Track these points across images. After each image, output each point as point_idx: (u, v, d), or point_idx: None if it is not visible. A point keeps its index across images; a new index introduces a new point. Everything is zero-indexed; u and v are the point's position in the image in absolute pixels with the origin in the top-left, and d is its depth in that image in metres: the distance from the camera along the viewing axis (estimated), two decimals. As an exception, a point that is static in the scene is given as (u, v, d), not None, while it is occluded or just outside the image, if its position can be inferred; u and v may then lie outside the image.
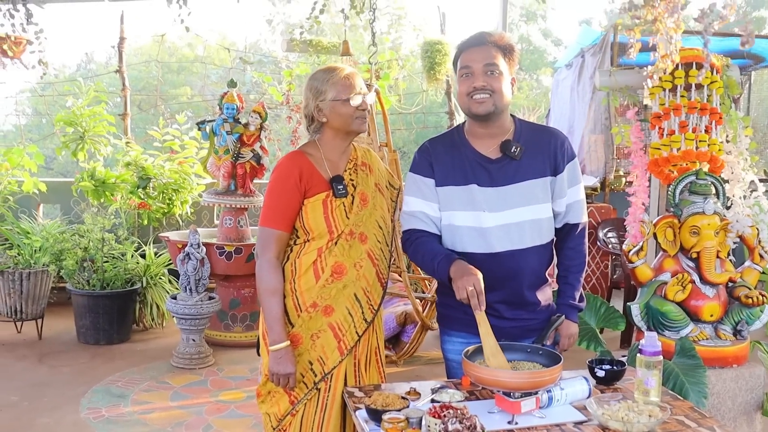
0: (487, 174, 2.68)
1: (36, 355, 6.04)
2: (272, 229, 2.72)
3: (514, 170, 2.69)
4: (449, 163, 2.73)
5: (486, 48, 2.63)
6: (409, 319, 5.87)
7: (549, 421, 2.31)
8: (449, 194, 2.71)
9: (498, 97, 2.62)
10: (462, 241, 2.69)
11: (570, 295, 2.80)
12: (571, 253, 2.82)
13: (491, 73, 2.61)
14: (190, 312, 5.73)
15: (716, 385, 3.34)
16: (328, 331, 2.73)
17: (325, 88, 2.71)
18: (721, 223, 3.46)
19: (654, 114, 3.71)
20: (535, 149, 2.72)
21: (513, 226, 2.67)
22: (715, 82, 3.61)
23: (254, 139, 6.26)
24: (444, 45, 8.12)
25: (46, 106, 10.95)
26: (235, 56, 10.14)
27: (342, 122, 2.74)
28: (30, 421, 4.65)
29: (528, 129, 2.78)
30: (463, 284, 2.43)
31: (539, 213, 2.71)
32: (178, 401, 5.07)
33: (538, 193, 2.70)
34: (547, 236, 2.76)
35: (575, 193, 2.78)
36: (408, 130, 10.40)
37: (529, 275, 2.73)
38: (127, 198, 7.28)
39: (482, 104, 2.63)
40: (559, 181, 2.74)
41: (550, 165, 2.72)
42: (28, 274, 6.37)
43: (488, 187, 2.67)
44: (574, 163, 2.77)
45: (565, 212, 2.78)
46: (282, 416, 2.76)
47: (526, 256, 2.69)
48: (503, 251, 2.66)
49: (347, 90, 2.70)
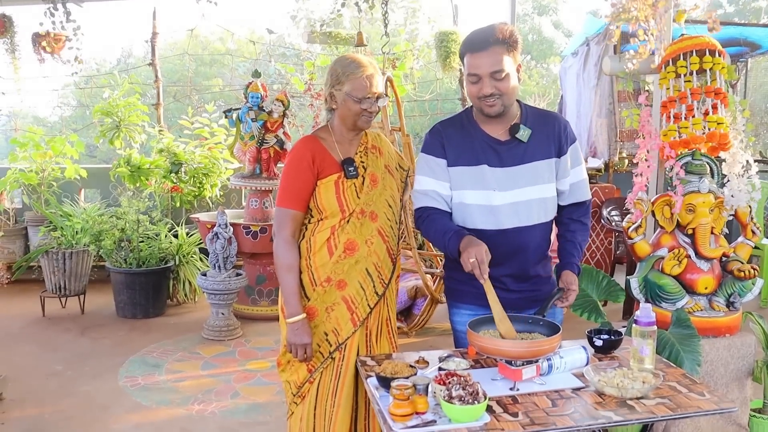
0: (497, 155, 2.66)
1: (79, 328, 6.10)
2: (288, 209, 2.71)
3: (522, 152, 2.66)
4: (460, 144, 2.69)
5: (491, 52, 2.53)
6: (420, 292, 5.87)
7: (548, 388, 2.29)
8: (460, 174, 2.68)
9: (506, 97, 2.58)
10: (472, 218, 2.67)
11: (576, 255, 2.76)
12: (576, 225, 2.80)
13: (498, 79, 2.54)
14: (219, 287, 5.75)
15: (710, 354, 3.30)
16: (341, 304, 2.72)
17: (343, 80, 2.67)
18: (716, 200, 3.42)
19: (669, 98, 3.64)
20: (541, 132, 2.69)
21: (521, 204, 2.64)
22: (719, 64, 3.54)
23: (277, 125, 6.24)
24: (457, 35, 8.07)
25: (88, 98, 11.02)
26: (261, 49, 10.12)
27: (348, 116, 2.71)
28: (73, 388, 4.71)
29: (533, 113, 2.75)
30: (467, 256, 2.41)
31: (545, 192, 2.69)
32: (208, 370, 5.10)
33: (544, 173, 2.68)
34: (551, 214, 2.75)
35: (578, 173, 2.77)
36: (423, 116, 10.35)
37: (535, 250, 2.71)
38: (160, 182, 7.31)
39: (493, 107, 2.59)
40: (563, 162, 2.71)
41: (554, 147, 2.70)
42: (71, 254, 6.42)
43: (498, 168, 2.65)
44: (576, 145, 2.76)
45: (569, 191, 2.76)
46: (301, 384, 2.76)
47: (532, 232, 2.68)
48: (511, 228, 2.64)
49: (362, 90, 2.66)
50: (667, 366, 2.54)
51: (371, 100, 2.67)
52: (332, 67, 2.72)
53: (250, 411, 4.36)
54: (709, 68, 3.56)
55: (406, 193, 2.98)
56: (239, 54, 15.34)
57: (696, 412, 2.15)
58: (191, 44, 10.84)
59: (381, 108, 2.83)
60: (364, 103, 2.66)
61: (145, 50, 16.33)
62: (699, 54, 3.55)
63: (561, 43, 23.98)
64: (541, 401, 2.19)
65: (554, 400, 2.20)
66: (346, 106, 2.69)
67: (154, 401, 4.50)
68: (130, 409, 4.37)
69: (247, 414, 4.31)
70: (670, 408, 2.14)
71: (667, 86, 3.66)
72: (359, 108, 2.67)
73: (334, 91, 2.70)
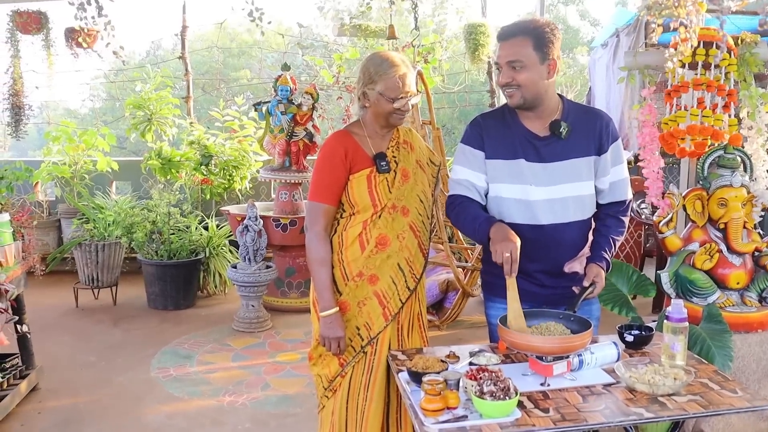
0: (535, 150, 2.67)
1: (111, 320, 6.19)
2: (320, 203, 2.73)
3: (561, 148, 2.66)
4: (499, 137, 2.71)
5: (513, 42, 2.56)
6: (451, 286, 5.87)
7: (579, 383, 2.30)
8: (498, 167, 2.69)
9: (525, 89, 2.58)
10: (509, 212, 2.68)
11: (607, 250, 2.71)
12: (612, 220, 2.78)
13: (515, 69, 2.56)
14: (249, 280, 5.81)
15: (741, 349, 3.29)
16: (373, 298, 2.74)
17: (376, 79, 2.68)
18: (748, 195, 3.39)
19: (671, 88, 3.62)
20: (582, 129, 2.69)
21: (557, 201, 2.65)
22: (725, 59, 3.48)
23: (307, 118, 6.27)
24: (486, 27, 8.05)
25: (118, 90, 11.12)
26: (289, 41, 10.16)
27: (381, 114, 2.73)
28: (107, 379, 4.79)
29: (575, 109, 2.74)
30: (501, 249, 2.40)
31: (583, 190, 2.69)
32: (238, 362, 5.16)
33: (583, 171, 2.68)
34: (588, 212, 2.74)
35: (619, 172, 2.75)
36: (451, 108, 10.34)
37: (570, 247, 2.71)
38: (191, 174, 7.38)
39: (511, 98, 2.62)
40: (603, 160, 2.70)
41: (594, 145, 2.69)
42: (103, 246, 6.51)
43: (536, 163, 2.66)
44: (618, 143, 2.74)
45: (609, 190, 2.75)
46: (333, 377, 2.79)
47: (568, 229, 2.68)
48: (548, 224, 2.65)
49: (395, 90, 2.66)
50: (698, 362, 2.54)
51: (404, 100, 2.68)
52: (365, 66, 2.73)
53: (280, 403, 4.40)
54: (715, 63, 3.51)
55: (437, 187, 2.99)
56: (267, 45, 15.39)
57: (729, 409, 2.15)
58: (219, 36, 10.91)
59: (413, 107, 2.85)
60: (396, 102, 2.67)
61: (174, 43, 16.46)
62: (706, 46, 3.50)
63: (587, 33, 23.76)
64: (572, 397, 2.20)
65: (585, 396, 2.21)
66: (379, 105, 2.70)
67: (186, 392, 4.56)
68: (163, 400, 4.44)
69: (278, 406, 4.36)
70: (702, 405, 2.14)
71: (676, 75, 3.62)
72: (392, 107, 2.68)
73: (367, 89, 2.72)
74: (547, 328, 2.46)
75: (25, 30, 6.45)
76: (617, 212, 2.79)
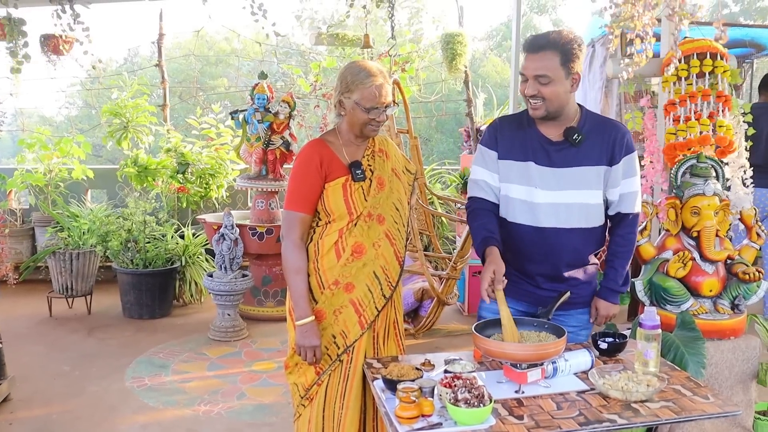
0: (546, 155, 2.71)
1: (86, 329, 6.12)
2: (296, 212, 2.73)
3: (573, 155, 2.70)
4: (513, 139, 2.77)
5: (541, 56, 2.60)
6: (426, 294, 5.88)
7: (553, 391, 2.31)
8: (508, 167, 2.76)
9: (549, 102, 2.63)
10: (514, 212, 2.75)
11: (612, 278, 2.81)
12: (619, 239, 2.82)
13: (542, 83, 2.60)
14: (225, 288, 5.78)
15: (714, 356, 3.32)
16: (349, 306, 2.74)
17: (353, 88, 2.68)
18: (721, 203, 3.43)
19: (669, 101, 3.67)
20: (595, 139, 2.72)
21: (562, 206, 2.69)
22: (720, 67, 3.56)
23: (284, 127, 6.26)
24: (463, 36, 8.08)
25: (94, 98, 11.05)
26: (267, 50, 10.14)
27: (356, 123, 2.73)
28: (81, 388, 4.73)
29: (592, 119, 2.78)
30: (484, 272, 2.55)
31: (589, 198, 2.72)
32: (214, 371, 5.12)
33: (591, 179, 2.71)
34: (594, 221, 2.76)
35: (630, 185, 2.76)
36: (428, 118, 10.38)
37: (570, 253, 2.74)
38: (167, 183, 7.33)
39: (536, 110, 2.67)
40: (614, 171, 2.73)
41: (606, 155, 2.72)
42: (78, 255, 6.45)
43: (545, 167, 2.70)
44: (632, 156, 2.75)
45: (618, 201, 2.77)
46: (309, 386, 2.79)
47: (569, 235, 2.71)
48: (549, 227, 2.70)
49: (371, 100, 2.67)
50: (671, 369, 2.56)
51: (380, 110, 2.69)
52: (342, 74, 2.74)
53: (256, 412, 4.38)
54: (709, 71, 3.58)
55: (413, 196, 3.00)
56: (245, 54, 15.36)
57: (700, 415, 2.17)
58: (197, 44, 10.87)
59: (389, 116, 2.86)
60: (372, 112, 2.68)
61: (151, 50, 16.36)
62: (700, 57, 3.57)
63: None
64: (546, 404, 2.21)
65: (559, 403, 2.23)
66: (355, 114, 2.71)
67: (161, 402, 4.52)
68: (137, 410, 4.40)
69: (254, 415, 4.33)
70: (675, 411, 2.16)
71: (669, 89, 3.68)
72: (367, 117, 2.69)
73: (343, 98, 2.72)
74: (521, 336, 2.47)
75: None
76: (626, 232, 2.81)
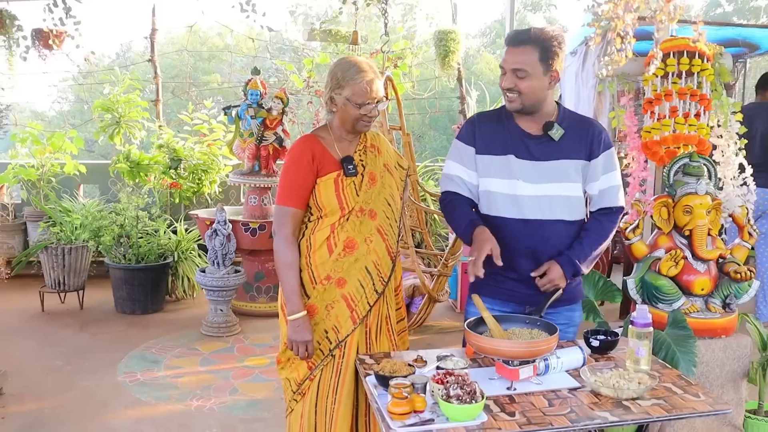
0: (526, 148, 2.73)
1: (78, 324, 6.11)
2: (288, 207, 2.73)
3: (552, 149, 2.72)
4: (491, 134, 2.78)
5: (520, 50, 2.62)
6: (417, 291, 5.88)
7: (545, 387, 2.31)
8: (487, 162, 2.76)
9: (525, 97, 2.65)
10: (497, 206, 2.74)
11: (577, 251, 2.72)
12: (595, 222, 2.80)
13: (519, 77, 2.63)
14: (218, 284, 5.77)
15: (705, 354, 3.33)
16: (341, 301, 2.74)
17: (344, 84, 2.69)
18: (713, 202, 3.44)
19: (646, 99, 3.68)
20: (574, 134, 2.75)
21: (544, 198, 2.70)
22: (705, 69, 3.56)
23: (277, 122, 6.25)
24: (456, 34, 8.08)
25: (87, 93, 11.01)
26: (259, 45, 10.12)
27: (348, 119, 2.73)
28: (73, 383, 4.72)
29: (570, 116, 2.80)
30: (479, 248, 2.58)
31: (570, 191, 2.73)
32: (207, 366, 5.12)
33: (571, 173, 2.73)
34: (576, 214, 2.76)
35: (609, 179, 2.77)
36: (421, 114, 10.36)
37: (555, 246, 2.73)
38: (159, 178, 7.31)
39: (511, 102, 2.69)
40: (593, 166, 2.75)
41: (585, 150, 2.74)
42: (70, 249, 6.43)
43: (525, 160, 2.71)
44: (611, 152, 2.78)
45: (598, 196, 2.78)
46: (301, 381, 2.78)
47: (554, 227, 2.72)
48: (534, 219, 2.70)
49: (362, 96, 2.67)
50: (662, 367, 2.57)
51: (371, 106, 2.69)
52: (332, 71, 2.74)
53: (248, 407, 4.38)
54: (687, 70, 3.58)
55: (405, 191, 3.00)
56: (238, 50, 15.32)
57: (691, 413, 2.18)
58: (190, 40, 10.84)
59: (380, 112, 2.86)
60: (363, 108, 2.68)
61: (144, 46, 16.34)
62: (689, 56, 3.57)
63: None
64: (538, 401, 2.22)
65: (551, 399, 2.23)
66: (346, 110, 2.71)
67: (153, 397, 4.52)
68: (130, 405, 4.39)
69: (246, 410, 4.33)
70: (666, 409, 2.16)
71: (649, 87, 3.68)
72: (359, 113, 2.69)
73: (334, 94, 2.72)
74: (513, 333, 2.48)
75: (-13, 30, 6.34)
76: (604, 220, 2.79)
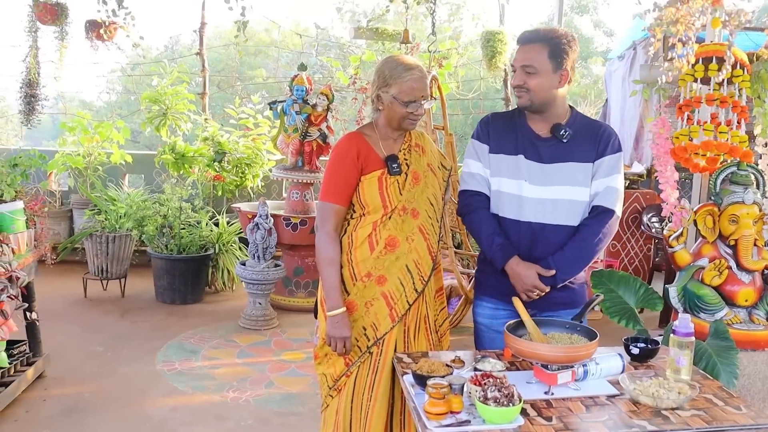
0: (535, 150, 2.72)
1: (119, 311, 6.21)
2: (331, 203, 2.74)
3: (561, 151, 2.71)
4: (503, 133, 2.78)
5: (530, 47, 2.65)
6: (454, 292, 5.87)
7: (583, 393, 2.29)
8: (499, 161, 2.76)
9: (533, 94, 2.66)
10: (502, 206, 2.74)
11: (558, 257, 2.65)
12: (582, 227, 2.70)
13: (528, 73, 2.64)
14: (258, 277, 5.82)
15: (747, 367, 3.27)
16: (380, 299, 2.74)
17: (391, 82, 2.69)
18: (760, 212, 3.38)
19: (679, 104, 3.60)
20: (584, 137, 2.73)
21: (549, 201, 2.68)
22: (738, 76, 3.42)
23: (321, 119, 6.28)
24: (503, 35, 8.04)
25: (134, 84, 11.17)
26: (306, 42, 10.18)
27: (394, 117, 2.74)
28: (112, 369, 4.81)
29: (581, 120, 2.79)
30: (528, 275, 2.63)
31: (576, 195, 2.71)
32: (243, 359, 5.17)
33: (579, 176, 2.70)
34: (580, 219, 2.73)
35: (611, 181, 2.72)
36: (465, 115, 10.33)
37: (555, 251, 2.69)
38: (203, 170, 7.40)
39: (520, 99, 2.71)
40: (597, 165, 2.72)
41: (594, 152, 2.72)
42: (114, 238, 6.54)
43: (534, 162, 2.71)
44: (617, 156, 2.74)
45: (595, 195, 2.72)
46: (338, 377, 2.79)
47: (555, 231, 2.69)
48: (535, 222, 2.69)
49: (409, 94, 2.68)
50: (703, 378, 2.53)
51: (417, 104, 2.70)
52: (380, 69, 2.75)
53: (283, 401, 4.41)
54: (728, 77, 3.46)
55: (447, 192, 3.00)
56: (284, 46, 15.43)
57: (732, 426, 2.14)
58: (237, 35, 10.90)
59: (425, 111, 2.87)
60: (410, 106, 2.69)
61: (192, 39, 16.51)
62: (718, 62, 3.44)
63: (601, 43, 23.70)
64: (576, 407, 2.20)
65: (588, 406, 2.21)
66: (393, 109, 2.71)
67: (190, 386, 4.57)
68: (167, 393, 4.46)
69: (281, 404, 4.37)
70: (706, 420, 2.13)
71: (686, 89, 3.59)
72: (405, 111, 2.70)
73: (381, 92, 2.73)
74: (552, 337, 2.46)
75: (42, 20, 6.48)
76: (590, 219, 2.70)
